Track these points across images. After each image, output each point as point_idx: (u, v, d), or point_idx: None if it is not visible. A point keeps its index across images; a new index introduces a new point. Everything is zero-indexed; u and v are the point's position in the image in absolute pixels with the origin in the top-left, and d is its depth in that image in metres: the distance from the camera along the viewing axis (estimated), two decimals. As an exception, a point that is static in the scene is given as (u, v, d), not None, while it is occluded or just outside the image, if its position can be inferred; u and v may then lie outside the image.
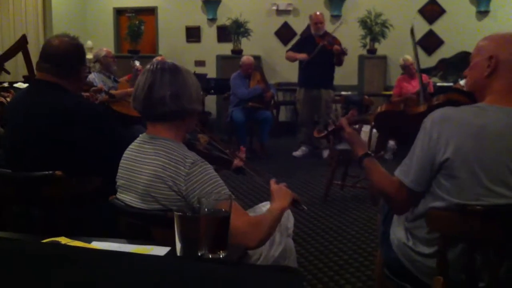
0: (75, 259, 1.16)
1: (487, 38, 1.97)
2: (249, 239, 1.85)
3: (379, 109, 2.36)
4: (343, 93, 8.43)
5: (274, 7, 10.39)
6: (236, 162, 2.57)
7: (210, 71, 10.04)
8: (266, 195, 5.02)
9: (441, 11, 9.85)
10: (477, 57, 1.95)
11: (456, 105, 1.96)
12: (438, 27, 9.86)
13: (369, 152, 2.22)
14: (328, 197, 5.27)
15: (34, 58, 2.72)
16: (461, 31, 9.61)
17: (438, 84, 8.36)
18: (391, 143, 7.16)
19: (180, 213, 1.42)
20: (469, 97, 2.04)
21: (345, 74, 9.09)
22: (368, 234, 4.22)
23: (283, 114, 10.32)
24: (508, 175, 1.79)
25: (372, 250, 3.83)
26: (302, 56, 7.07)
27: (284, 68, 9.28)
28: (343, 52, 6.94)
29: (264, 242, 1.93)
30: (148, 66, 1.98)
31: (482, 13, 9.62)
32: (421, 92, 2.84)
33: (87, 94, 4.73)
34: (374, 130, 5.98)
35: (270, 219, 1.96)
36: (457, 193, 1.83)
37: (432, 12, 9.89)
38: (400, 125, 2.42)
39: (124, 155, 2.03)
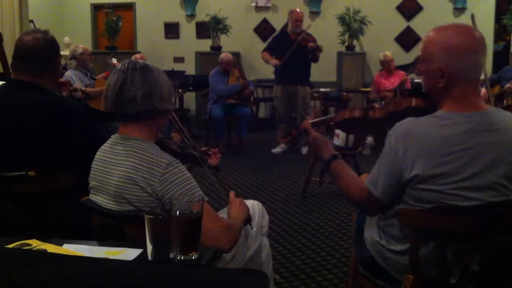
0: (41, 266, 1.15)
1: (435, 40, 1.89)
2: (222, 241, 1.85)
3: (338, 117, 2.31)
4: (321, 89, 8.46)
5: (253, 3, 10.37)
6: (211, 160, 2.57)
7: (189, 68, 9.99)
8: (241, 193, 5.03)
9: (418, 8, 9.93)
10: (428, 63, 1.91)
11: (415, 110, 1.96)
12: (416, 24, 9.93)
13: (337, 153, 2.17)
14: (306, 194, 5.29)
15: (11, 53, 2.67)
16: (438, 27, 9.68)
17: (416, 80, 8.42)
18: (369, 139, 7.21)
19: (151, 216, 1.41)
20: (428, 99, 2.02)
21: (324, 71, 9.12)
22: (345, 231, 4.25)
23: (263, 111, 10.32)
24: (478, 181, 1.81)
25: (349, 246, 3.84)
26: (275, 62, 7.15)
27: (263, 64, 9.24)
28: (318, 49, 6.95)
29: (233, 246, 1.95)
30: (119, 66, 1.97)
31: (459, 10, 9.72)
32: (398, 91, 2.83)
33: (63, 93, 4.68)
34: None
35: (238, 225, 1.99)
36: (427, 200, 1.84)
37: (409, 9, 9.96)
38: (362, 128, 2.43)
39: (96, 156, 2.02)
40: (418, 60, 2.11)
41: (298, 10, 7.27)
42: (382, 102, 6.89)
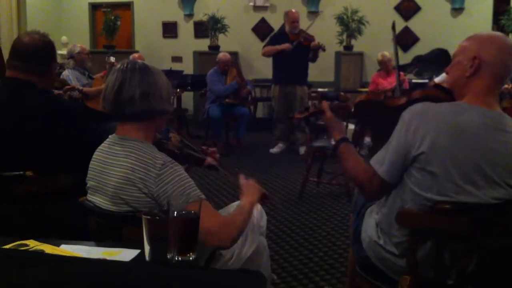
0: (39, 266, 1.15)
1: (471, 37, 1.98)
2: (221, 239, 1.84)
3: (359, 98, 2.38)
4: (319, 89, 8.46)
5: (251, 3, 10.37)
6: (209, 159, 2.56)
7: (187, 67, 9.98)
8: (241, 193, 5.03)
9: (416, 8, 9.94)
10: (460, 56, 1.97)
11: (436, 101, 1.98)
12: (414, 24, 9.95)
13: (346, 137, 2.25)
14: (304, 194, 5.28)
15: (8, 53, 2.68)
16: (436, 28, 9.71)
17: (414, 80, 8.44)
18: (367, 139, 7.21)
19: (148, 216, 1.41)
20: (448, 94, 2.06)
21: (322, 71, 9.13)
22: (343, 231, 4.25)
23: (261, 110, 10.32)
24: (478, 174, 1.82)
25: (347, 247, 3.85)
26: (285, 46, 7.00)
27: (261, 64, 9.27)
28: (321, 47, 6.94)
29: (237, 240, 1.94)
30: (118, 66, 1.96)
31: (457, 10, 9.73)
32: (397, 87, 2.86)
33: (59, 92, 4.68)
34: (351, 126, 6.03)
35: (241, 215, 1.97)
36: (427, 187, 1.85)
37: (408, 9, 9.97)
38: (378, 115, 2.45)
39: (94, 156, 2.02)
40: (417, 62, 2.13)
41: (293, 10, 7.23)
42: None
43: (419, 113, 1.90)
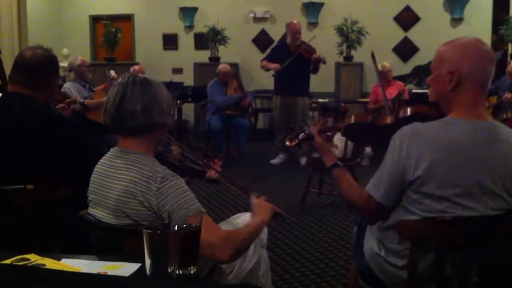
0: (39, 283, 1.14)
1: (447, 47, 1.94)
2: (221, 253, 1.83)
3: (347, 121, 2.37)
4: (320, 100, 8.48)
5: (251, 15, 10.41)
6: (210, 173, 2.57)
7: (188, 79, 10.02)
8: (243, 204, 5.02)
9: (416, 19, 9.98)
10: (439, 69, 1.94)
11: (424, 118, 1.97)
12: (413, 34, 9.98)
13: (338, 162, 2.23)
14: (305, 205, 5.28)
15: (9, 65, 2.69)
16: (436, 38, 9.70)
17: (414, 91, 8.44)
18: (368, 149, 7.21)
19: (149, 230, 1.41)
20: (435, 108, 2.05)
21: (322, 81, 9.15)
22: (344, 242, 4.24)
23: (261, 121, 10.33)
24: (477, 188, 1.81)
25: (349, 258, 3.83)
26: (274, 66, 7.10)
27: (262, 75, 9.28)
28: (321, 60, 6.96)
29: (238, 256, 1.93)
30: (119, 80, 1.97)
31: (456, 20, 9.77)
32: (386, 107, 2.83)
33: (62, 105, 4.69)
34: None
35: (246, 233, 1.95)
36: (426, 207, 1.84)
37: (407, 19, 10.01)
38: (369, 136, 2.45)
39: (95, 169, 2.02)
40: (417, 72, 2.11)
41: (295, 22, 7.26)
42: (379, 113, 6.91)
43: (409, 136, 1.88)
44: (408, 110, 2.20)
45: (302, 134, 2.50)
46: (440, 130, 1.87)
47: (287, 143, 2.57)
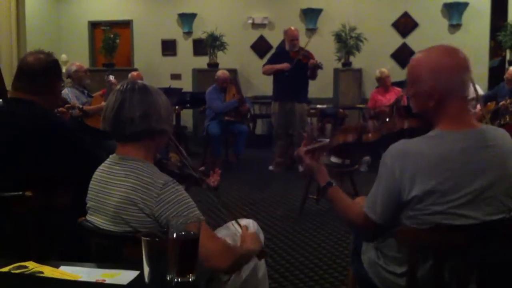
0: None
1: (421, 61, 1.91)
2: (222, 261, 1.84)
3: (332, 143, 2.29)
4: (318, 106, 8.49)
5: (250, 21, 10.44)
6: (209, 180, 2.57)
7: (186, 85, 10.03)
8: (240, 210, 5.01)
9: (414, 25, 10.00)
10: (416, 87, 1.92)
11: (411, 132, 1.97)
12: (412, 40, 10.00)
13: (331, 181, 2.18)
14: (303, 211, 5.27)
15: (8, 71, 2.70)
16: (433, 44, 9.66)
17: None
18: (366, 156, 7.21)
19: (148, 238, 1.41)
20: (421, 119, 2.01)
21: (321, 87, 9.16)
22: (342, 249, 4.23)
23: (260, 127, 10.34)
24: (475, 198, 1.81)
25: (347, 265, 3.82)
26: (283, 65, 7.02)
27: (260, 81, 9.31)
28: (318, 66, 6.96)
29: (235, 268, 1.95)
30: (118, 86, 1.97)
31: (454, 26, 9.79)
32: (369, 124, 2.77)
33: (62, 109, 4.69)
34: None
35: (241, 248, 1.99)
36: (424, 221, 1.84)
37: (405, 25, 10.03)
38: (357, 152, 2.41)
39: (94, 176, 2.02)
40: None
41: (292, 28, 7.26)
42: (379, 119, 6.91)
43: (400, 155, 1.86)
44: (395, 125, 2.15)
45: (289, 158, 2.46)
46: (430, 146, 1.85)
47: (275, 169, 2.53)
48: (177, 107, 8.14)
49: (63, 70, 7.10)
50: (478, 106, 7.03)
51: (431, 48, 1.94)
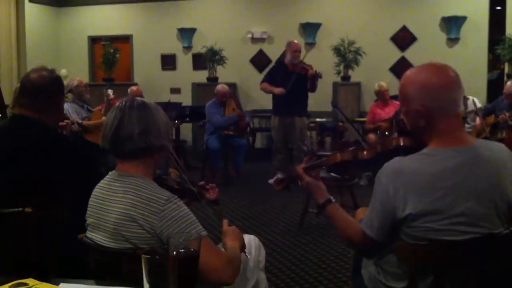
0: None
1: (410, 81, 1.93)
2: (226, 275, 1.85)
3: (329, 161, 2.30)
4: (317, 119, 8.49)
5: (249, 35, 10.48)
6: (209, 195, 2.57)
7: (186, 99, 10.05)
8: (242, 226, 5.01)
9: (412, 39, 10.03)
10: (406, 106, 1.94)
11: (406, 150, 1.97)
12: (410, 54, 10.03)
13: (330, 198, 2.18)
14: (303, 225, 5.26)
15: (8, 86, 2.72)
16: (432, 57, 9.76)
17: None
18: (366, 169, 7.22)
19: (148, 256, 1.41)
20: (415, 137, 2.03)
21: (320, 101, 9.17)
22: (343, 263, 4.22)
23: (259, 141, 10.35)
24: (470, 214, 1.80)
25: (348, 279, 3.82)
26: (279, 90, 7.05)
27: (259, 95, 9.31)
28: (317, 75, 6.97)
29: (236, 277, 1.94)
30: (117, 104, 1.98)
31: (453, 40, 9.83)
32: (361, 141, 2.83)
33: (63, 123, 4.70)
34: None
35: (237, 254, 1.99)
36: (422, 237, 1.83)
37: (403, 39, 10.06)
38: (353, 169, 2.42)
39: (93, 193, 2.02)
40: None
41: (296, 41, 7.34)
42: (378, 132, 6.93)
43: (394, 174, 1.87)
44: (388, 143, 2.17)
45: (287, 176, 2.49)
46: (423, 165, 1.85)
47: (275, 186, 2.55)
48: (176, 121, 8.16)
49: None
50: (478, 120, 7.06)
51: (421, 67, 1.96)
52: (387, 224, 1.89)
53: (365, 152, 2.20)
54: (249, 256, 2.27)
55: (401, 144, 2.09)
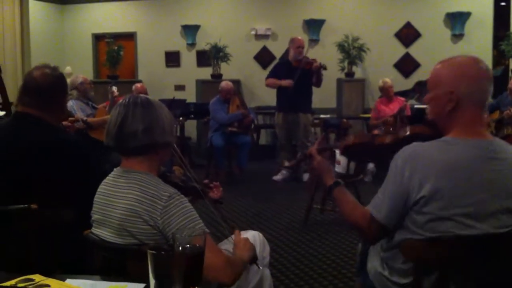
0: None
1: (444, 67, 1.95)
2: (226, 275, 1.85)
3: (347, 140, 2.35)
4: (321, 116, 8.49)
5: (253, 32, 10.48)
6: (213, 193, 2.58)
7: (190, 96, 10.06)
8: (243, 225, 5.01)
9: (417, 35, 10.02)
10: (436, 89, 1.95)
11: (423, 138, 1.97)
12: (414, 50, 10.02)
13: (339, 180, 2.21)
14: (308, 222, 5.27)
15: (12, 84, 2.71)
16: (436, 54, 9.76)
17: (416, 106, 8.46)
18: (371, 165, 7.21)
19: (153, 251, 1.41)
20: (433, 127, 2.04)
21: (324, 97, 9.17)
22: (348, 259, 4.23)
23: (263, 138, 10.35)
24: (480, 208, 1.81)
25: (352, 275, 3.83)
26: (287, 82, 7.06)
27: (263, 91, 9.33)
28: (322, 66, 6.95)
29: (237, 280, 1.94)
30: (121, 101, 1.99)
31: (457, 36, 9.81)
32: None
33: (66, 122, 4.72)
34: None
35: (242, 260, 2.02)
36: (429, 227, 1.84)
37: (408, 35, 10.05)
38: (368, 154, 2.45)
39: (98, 189, 2.03)
40: (418, 87, 2.13)
41: (299, 37, 7.35)
42: (383, 128, 6.92)
43: (411, 157, 1.88)
44: (408, 130, 2.20)
45: (300, 154, 2.51)
46: (441, 151, 1.86)
47: (286, 163, 2.59)
48: (181, 118, 8.16)
49: (68, 83, 7.16)
50: (485, 115, 7.04)
51: (454, 56, 1.99)
52: (398, 207, 1.89)
53: (385, 138, 2.22)
54: (260, 267, 2.28)
55: (421, 132, 2.11)
